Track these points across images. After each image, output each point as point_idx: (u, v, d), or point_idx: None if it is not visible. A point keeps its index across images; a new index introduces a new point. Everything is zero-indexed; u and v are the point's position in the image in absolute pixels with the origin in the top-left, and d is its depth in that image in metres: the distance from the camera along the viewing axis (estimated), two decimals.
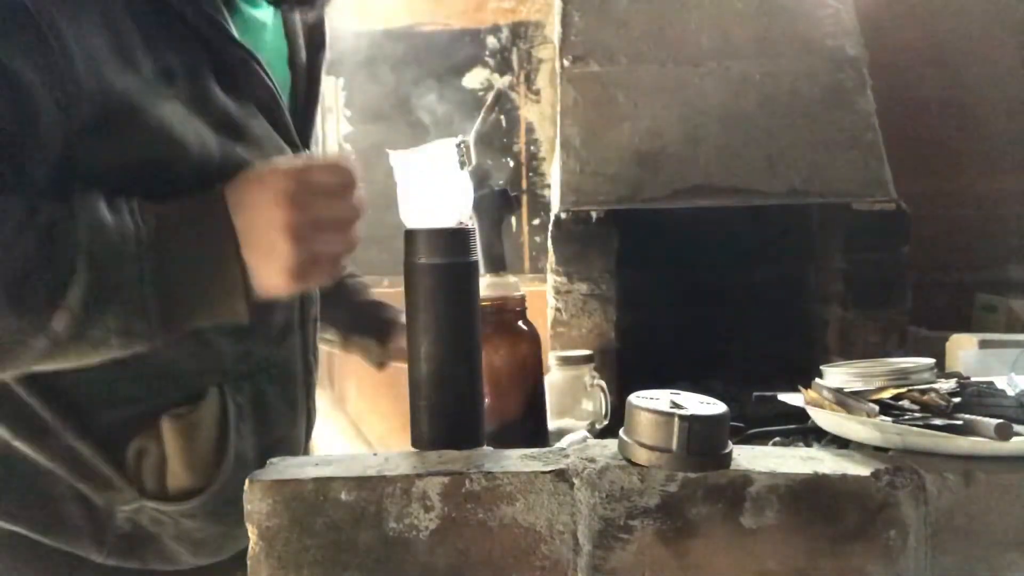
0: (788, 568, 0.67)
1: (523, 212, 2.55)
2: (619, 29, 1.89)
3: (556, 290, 1.79)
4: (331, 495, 0.68)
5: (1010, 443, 0.70)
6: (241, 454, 0.88)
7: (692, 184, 1.76)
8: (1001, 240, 2.25)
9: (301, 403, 0.98)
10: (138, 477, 0.84)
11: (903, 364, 0.86)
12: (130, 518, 0.85)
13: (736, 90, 1.82)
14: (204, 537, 0.89)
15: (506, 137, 2.55)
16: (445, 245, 0.78)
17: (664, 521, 0.68)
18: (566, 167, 1.80)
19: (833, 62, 1.83)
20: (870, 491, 0.68)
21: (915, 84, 2.26)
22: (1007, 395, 0.80)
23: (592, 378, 1.43)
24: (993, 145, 2.26)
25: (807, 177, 1.75)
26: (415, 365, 0.78)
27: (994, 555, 0.68)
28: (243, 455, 0.88)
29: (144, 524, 0.86)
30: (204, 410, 0.85)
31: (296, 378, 0.97)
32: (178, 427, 0.83)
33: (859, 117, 1.78)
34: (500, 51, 2.55)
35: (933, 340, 1.65)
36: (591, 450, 0.73)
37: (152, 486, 0.84)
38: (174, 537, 0.88)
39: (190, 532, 0.88)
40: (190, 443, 0.84)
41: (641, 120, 1.82)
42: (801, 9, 1.87)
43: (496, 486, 0.68)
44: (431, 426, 0.78)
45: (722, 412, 0.70)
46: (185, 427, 0.84)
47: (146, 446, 0.83)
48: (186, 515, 0.86)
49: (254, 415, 0.90)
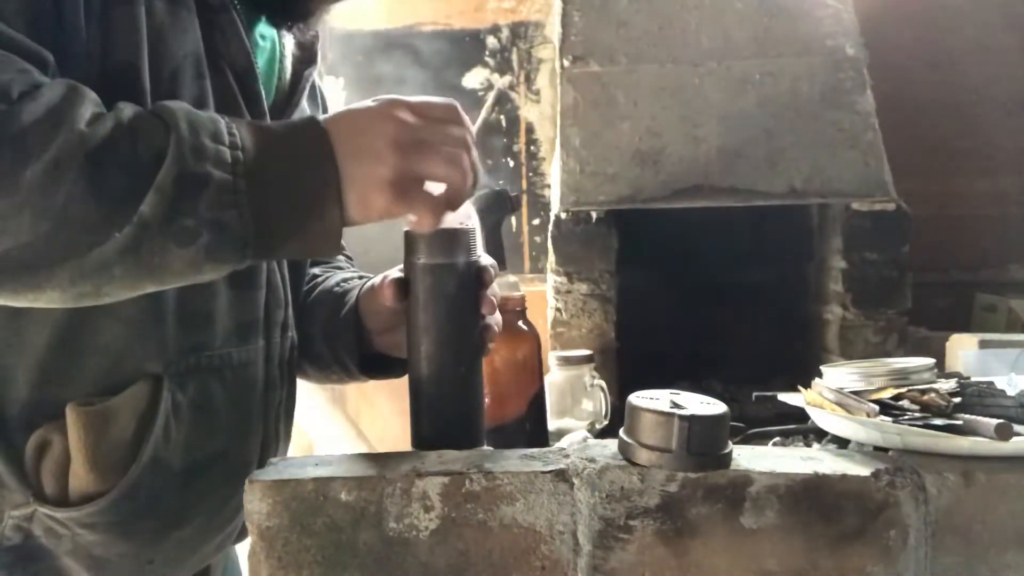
0: (788, 568, 0.67)
1: (523, 212, 2.55)
2: (619, 29, 1.89)
3: (556, 290, 1.79)
4: (331, 495, 0.68)
5: (1010, 443, 0.70)
6: (161, 460, 0.76)
7: (692, 184, 1.76)
8: (1001, 240, 2.26)
9: (256, 419, 0.86)
10: (36, 476, 0.73)
11: (903, 364, 0.86)
12: (19, 526, 0.75)
13: (736, 90, 1.82)
14: (106, 556, 0.76)
15: (506, 137, 2.55)
16: (445, 245, 0.77)
17: (664, 521, 0.68)
18: (566, 167, 1.80)
19: (833, 62, 1.83)
20: (870, 491, 0.68)
21: (915, 84, 2.26)
22: (1007, 395, 0.80)
23: (592, 378, 1.44)
24: (993, 145, 2.26)
25: (807, 177, 1.75)
26: (415, 365, 0.78)
27: (994, 555, 0.68)
28: (164, 461, 0.76)
29: (37, 535, 0.75)
30: (121, 401, 0.74)
31: (253, 388, 0.86)
32: (85, 417, 0.72)
33: (859, 117, 1.79)
34: (500, 51, 2.55)
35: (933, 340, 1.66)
36: (591, 450, 0.73)
37: (51, 489, 0.74)
38: (70, 553, 0.76)
39: (89, 548, 0.76)
40: (97, 438, 0.73)
41: (641, 120, 1.82)
42: (801, 9, 1.87)
43: (496, 486, 0.68)
44: (431, 426, 0.78)
45: (722, 412, 0.70)
46: (94, 418, 0.72)
47: (49, 438, 0.73)
48: (84, 524, 0.74)
49: (192, 419, 0.78)
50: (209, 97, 0.78)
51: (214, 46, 0.79)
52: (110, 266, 0.62)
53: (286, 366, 0.92)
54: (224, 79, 0.80)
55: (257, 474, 0.70)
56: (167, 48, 0.74)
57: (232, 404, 0.83)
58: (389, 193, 0.68)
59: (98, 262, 0.61)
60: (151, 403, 0.76)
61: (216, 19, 0.79)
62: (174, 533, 0.80)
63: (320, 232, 0.68)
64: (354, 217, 0.68)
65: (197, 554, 0.85)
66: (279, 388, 0.90)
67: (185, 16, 0.76)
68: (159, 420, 0.76)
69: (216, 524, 0.84)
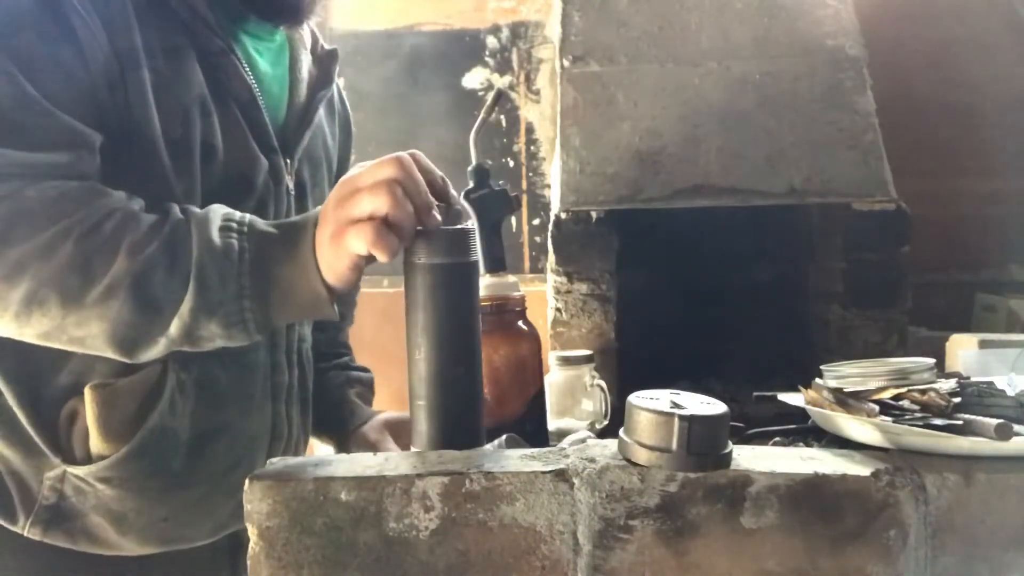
0: (788, 568, 0.67)
1: (523, 212, 2.55)
2: (619, 29, 1.89)
3: (556, 290, 1.79)
4: (331, 495, 0.68)
5: (1010, 443, 0.69)
6: (168, 428, 0.91)
7: (692, 184, 1.76)
8: (1001, 240, 2.26)
9: (262, 398, 1.00)
10: (68, 441, 0.89)
11: (903, 364, 0.86)
12: (54, 487, 0.91)
13: (736, 90, 1.82)
14: (123, 511, 0.92)
15: (506, 137, 2.55)
16: (445, 245, 0.77)
17: (664, 521, 0.68)
18: (566, 167, 1.80)
19: (833, 62, 1.83)
20: (870, 491, 0.68)
21: (915, 84, 2.26)
22: (1007, 395, 0.80)
23: (592, 378, 1.43)
24: (993, 145, 2.25)
25: (807, 177, 1.75)
26: (415, 365, 0.78)
27: (994, 555, 0.68)
28: (171, 429, 0.91)
29: (68, 494, 0.91)
30: (129, 382, 0.89)
31: (256, 371, 0.99)
32: (98, 395, 0.88)
33: (859, 117, 1.78)
34: (500, 51, 2.55)
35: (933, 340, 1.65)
36: (591, 450, 0.73)
37: (79, 452, 0.89)
38: (95, 509, 0.91)
39: (108, 503, 0.91)
40: (108, 412, 0.88)
41: (641, 120, 1.82)
42: (801, 9, 1.87)
43: (496, 486, 0.68)
44: (431, 426, 0.78)
45: (722, 412, 0.70)
46: (105, 396, 0.88)
47: (77, 408, 0.89)
48: (100, 479, 0.90)
49: (196, 395, 0.93)
50: (217, 130, 0.92)
51: (219, 85, 0.93)
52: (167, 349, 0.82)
53: (295, 355, 1.05)
54: (231, 112, 0.94)
55: (257, 474, 0.70)
56: (174, 98, 0.88)
57: (235, 384, 0.96)
58: (335, 245, 0.77)
59: (161, 347, 0.81)
60: (158, 383, 0.90)
61: (219, 62, 0.93)
62: (181, 493, 0.95)
63: (312, 312, 0.81)
64: (331, 280, 0.79)
65: (212, 518, 0.99)
66: (286, 372, 1.03)
67: (187, 67, 0.90)
68: (166, 394, 0.90)
69: (224, 489, 0.96)
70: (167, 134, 0.87)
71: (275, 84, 1.02)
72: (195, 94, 0.90)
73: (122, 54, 0.85)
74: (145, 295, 0.77)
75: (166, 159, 0.87)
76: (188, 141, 0.89)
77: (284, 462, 0.74)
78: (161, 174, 0.87)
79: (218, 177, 0.92)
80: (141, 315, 0.78)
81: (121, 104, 0.85)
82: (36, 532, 0.91)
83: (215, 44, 0.92)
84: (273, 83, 1.02)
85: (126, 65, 0.85)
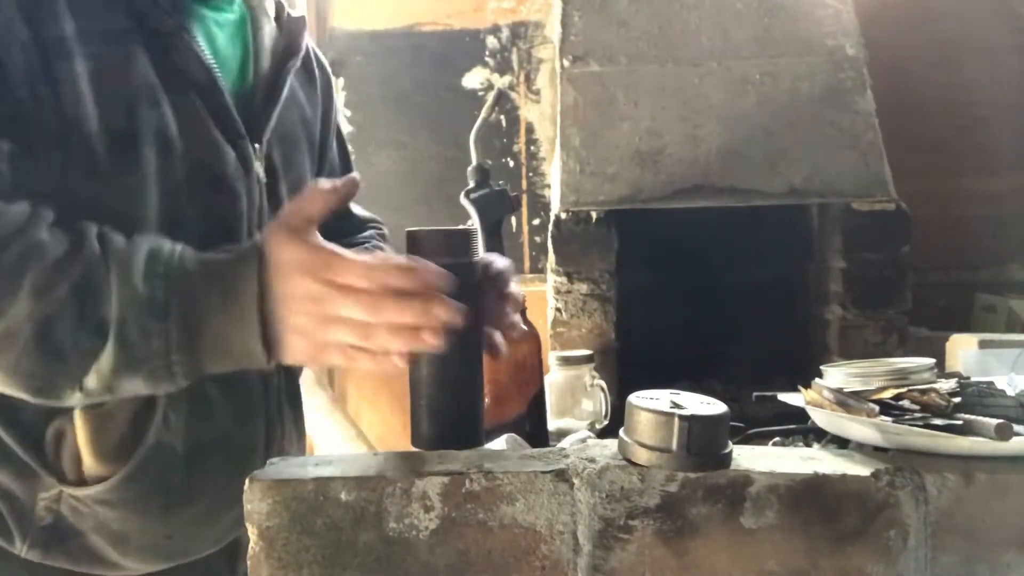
0: (788, 568, 0.67)
1: (523, 212, 2.55)
2: (619, 29, 1.89)
3: (556, 290, 1.79)
4: (331, 495, 0.68)
5: (1010, 443, 0.69)
6: (164, 443, 0.85)
7: (692, 184, 1.76)
8: (1001, 240, 2.26)
9: (256, 405, 0.94)
10: (57, 463, 0.83)
11: (903, 364, 0.86)
12: (50, 507, 0.85)
13: (736, 90, 1.82)
14: (124, 531, 0.86)
15: (506, 137, 2.55)
16: (446, 245, 0.77)
17: (664, 521, 0.68)
18: (566, 167, 1.80)
19: (833, 62, 1.83)
20: (870, 491, 0.68)
21: (915, 84, 2.26)
22: (1007, 395, 0.80)
23: (592, 378, 1.44)
24: (993, 145, 2.26)
25: (807, 177, 1.75)
26: (415, 365, 0.78)
27: (994, 555, 0.68)
28: (167, 444, 0.85)
29: (65, 515, 0.85)
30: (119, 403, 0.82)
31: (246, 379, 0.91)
32: (89, 418, 0.82)
33: (859, 117, 1.79)
34: (500, 51, 2.55)
35: (933, 340, 1.66)
36: (591, 450, 0.73)
37: (71, 473, 0.84)
38: (94, 529, 0.86)
39: (109, 523, 0.86)
40: (100, 434, 0.83)
41: (641, 120, 1.82)
42: (801, 9, 1.87)
43: (496, 486, 0.68)
44: (431, 426, 0.78)
45: (722, 412, 0.70)
46: (94, 419, 0.82)
47: (63, 428, 0.82)
48: (101, 502, 0.84)
49: (188, 408, 0.86)
50: (171, 120, 0.82)
51: (173, 69, 0.83)
52: (83, 401, 0.74)
53: None
54: (187, 98, 0.84)
55: (257, 474, 0.70)
56: (117, 87, 0.79)
57: (227, 393, 0.90)
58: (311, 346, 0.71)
59: (76, 400, 0.73)
60: (149, 400, 0.83)
61: (171, 43, 0.83)
62: (184, 511, 0.89)
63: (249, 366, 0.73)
64: (292, 360, 0.72)
65: (215, 529, 0.93)
66: (275, 374, 0.96)
67: (132, 52, 0.81)
68: (159, 410, 0.84)
69: (225, 502, 0.90)
70: (109, 128, 0.78)
71: (235, 61, 0.93)
72: (140, 83, 0.81)
73: (48, 44, 0.76)
74: (48, 344, 0.69)
75: (107, 156, 0.78)
76: (134, 134, 0.80)
77: (284, 462, 0.74)
78: (103, 173, 0.78)
79: (179, 172, 0.83)
80: (44, 367, 0.70)
81: (48, 100, 0.76)
82: (36, 555, 0.85)
83: (166, 23, 0.83)
84: (233, 61, 0.93)
85: (52, 56, 0.76)
